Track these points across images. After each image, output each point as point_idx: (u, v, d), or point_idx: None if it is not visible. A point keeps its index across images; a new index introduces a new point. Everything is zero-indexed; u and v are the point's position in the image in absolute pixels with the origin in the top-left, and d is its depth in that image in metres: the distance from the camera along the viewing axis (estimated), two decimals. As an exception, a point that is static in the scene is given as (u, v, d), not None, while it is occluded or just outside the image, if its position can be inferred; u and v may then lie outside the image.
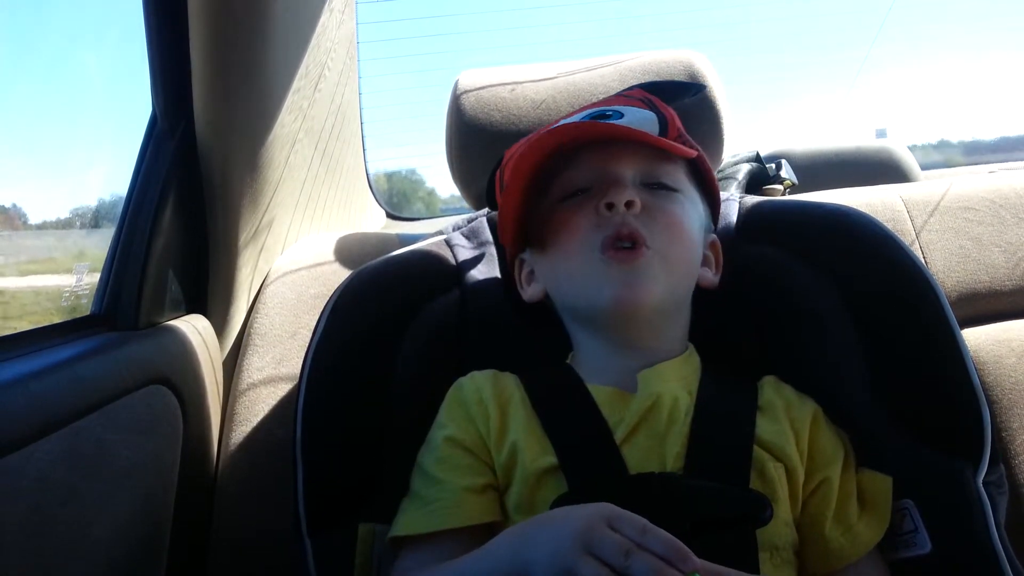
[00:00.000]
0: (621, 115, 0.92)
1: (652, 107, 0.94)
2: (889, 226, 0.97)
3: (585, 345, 0.92)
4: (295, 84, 1.27)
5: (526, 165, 0.86)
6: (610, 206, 0.84)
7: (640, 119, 0.91)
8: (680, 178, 0.91)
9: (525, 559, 0.67)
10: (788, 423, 0.85)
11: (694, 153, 0.90)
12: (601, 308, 0.86)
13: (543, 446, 0.82)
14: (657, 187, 0.88)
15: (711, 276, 0.95)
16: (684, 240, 0.87)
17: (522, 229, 0.92)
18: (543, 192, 0.90)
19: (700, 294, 0.93)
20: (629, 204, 0.84)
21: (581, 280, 0.87)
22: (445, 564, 0.76)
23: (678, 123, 0.94)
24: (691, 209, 0.90)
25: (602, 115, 0.93)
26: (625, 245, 0.84)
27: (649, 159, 0.89)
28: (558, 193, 0.89)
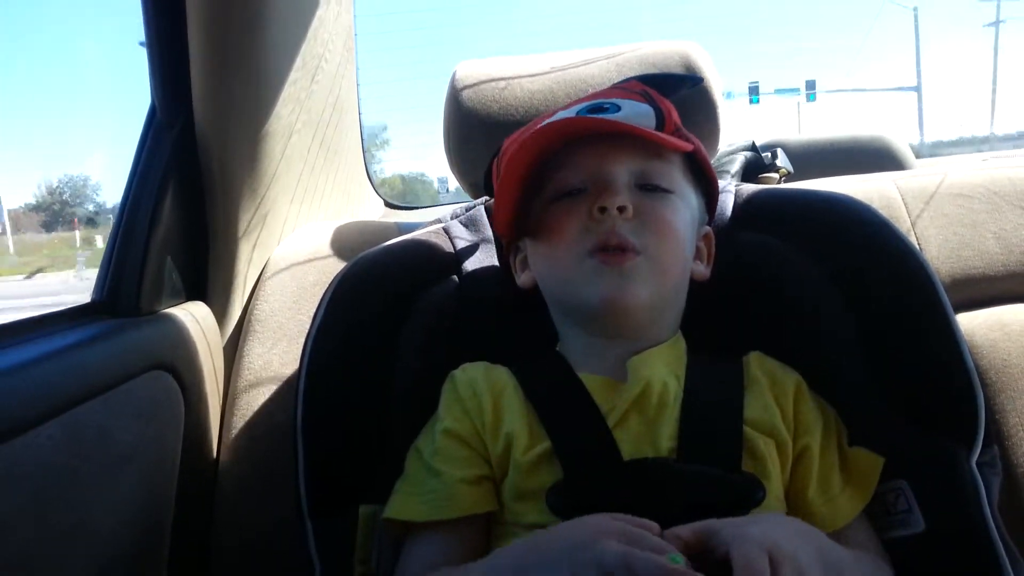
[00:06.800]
0: (619, 108, 0.91)
1: (649, 100, 0.93)
2: (884, 214, 0.97)
3: (572, 336, 0.93)
4: (292, 75, 1.28)
5: (520, 164, 0.86)
6: (603, 210, 0.84)
7: (637, 112, 0.91)
8: (675, 177, 0.91)
9: None
10: (773, 398, 0.86)
11: (690, 147, 0.90)
12: (590, 308, 0.87)
13: (537, 434, 0.83)
14: (651, 189, 0.88)
15: (703, 269, 0.95)
16: (674, 244, 0.88)
17: (517, 223, 0.93)
18: (538, 187, 0.90)
19: (693, 285, 0.94)
20: (621, 209, 0.84)
21: (570, 281, 0.87)
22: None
23: (675, 116, 0.94)
24: (684, 209, 0.90)
25: (599, 108, 0.92)
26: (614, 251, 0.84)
27: (645, 155, 0.89)
28: (552, 191, 0.90)
